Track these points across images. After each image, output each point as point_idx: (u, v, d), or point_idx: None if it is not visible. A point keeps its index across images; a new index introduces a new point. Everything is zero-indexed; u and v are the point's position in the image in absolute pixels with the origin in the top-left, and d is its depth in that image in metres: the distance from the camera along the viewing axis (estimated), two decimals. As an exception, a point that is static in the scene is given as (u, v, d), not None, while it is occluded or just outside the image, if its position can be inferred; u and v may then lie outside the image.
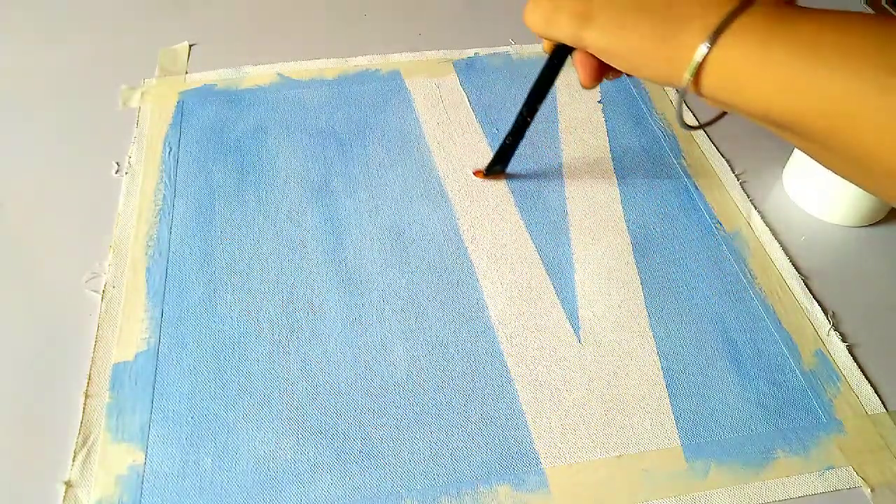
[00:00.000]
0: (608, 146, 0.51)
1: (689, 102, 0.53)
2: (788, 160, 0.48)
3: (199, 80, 0.55)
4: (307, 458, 0.34)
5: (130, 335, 0.39)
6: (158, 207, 0.45)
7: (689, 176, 0.49)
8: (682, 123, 0.32)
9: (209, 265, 0.42)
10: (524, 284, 0.42)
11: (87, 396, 0.36)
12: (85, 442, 0.34)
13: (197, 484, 0.33)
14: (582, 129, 0.52)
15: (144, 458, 0.34)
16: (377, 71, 0.57)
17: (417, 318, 0.40)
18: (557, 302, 0.41)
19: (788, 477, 0.34)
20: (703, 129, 0.33)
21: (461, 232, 0.45)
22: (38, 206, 0.46)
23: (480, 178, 0.48)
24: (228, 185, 0.47)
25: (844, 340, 0.40)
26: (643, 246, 0.44)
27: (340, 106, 0.53)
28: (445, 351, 0.39)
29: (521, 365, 0.38)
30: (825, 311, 0.41)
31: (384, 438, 0.35)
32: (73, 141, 0.50)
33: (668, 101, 0.55)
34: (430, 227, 0.45)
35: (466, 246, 0.44)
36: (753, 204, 0.47)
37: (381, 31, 0.61)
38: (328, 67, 0.57)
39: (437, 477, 0.34)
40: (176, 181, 0.47)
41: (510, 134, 0.44)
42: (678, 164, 0.50)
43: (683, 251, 0.44)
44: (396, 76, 0.56)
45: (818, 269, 0.44)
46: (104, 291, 0.41)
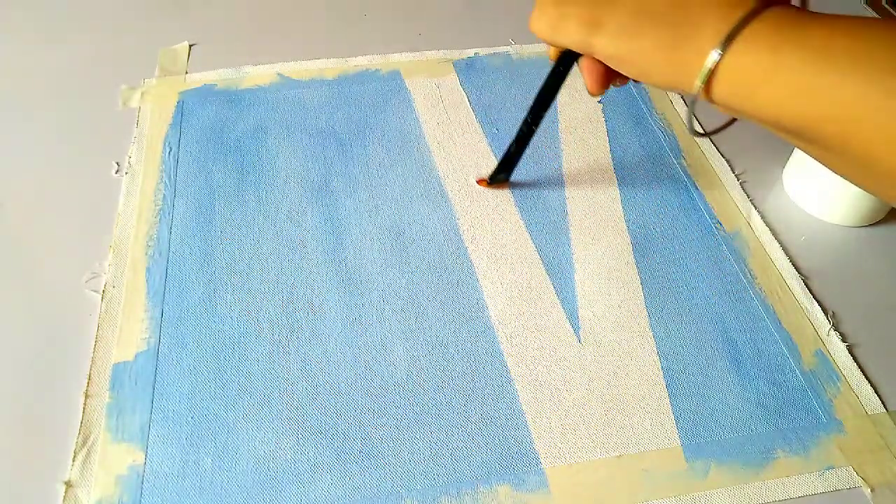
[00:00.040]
0: (608, 146, 0.51)
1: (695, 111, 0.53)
2: (788, 160, 0.48)
3: (199, 80, 0.55)
4: (307, 458, 0.34)
5: (130, 335, 0.39)
6: (158, 207, 0.45)
7: (689, 176, 0.49)
8: (691, 131, 0.31)
9: (209, 265, 0.42)
10: (524, 284, 0.42)
11: (87, 396, 0.36)
12: (85, 442, 0.34)
13: (197, 484, 0.33)
14: (582, 129, 0.52)
15: (144, 458, 0.34)
16: (377, 71, 0.57)
17: (417, 318, 0.40)
18: (557, 302, 0.41)
19: (788, 477, 0.34)
20: (712, 136, 0.32)
21: (461, 232, 0.45)
22: (38, 206, 0.46)
23: (484, 186, 0.47)
24: (228, 185, 0.47)
25: (844, 340, 0.40)
26: (643, 246, 0.44)
27: (340, 106, 0.53)
28: (445, 351, 0.39)
29: (521, 365, 0.38)
30: (825, 311, 0.41)
31: (384, 438, 0.35)
32: (73, 141, 0.50)
33: (668, 101, 0.55)
34: (430, 227, 0.45)
35: (466, 246, 0.44)
36: (753, 204, 0.47)
37: (381, 31, 0.61)
38: (328, 67, 0.57)
39: (437, 477, 0.34)
40: (176, 181, 0.47)
41: (514, 142, 0.43)
42: (678, 164, 0.50)
43: (683, 251, 0.44)
44: (396, 76, 0.56)
45: (818, 269, 0.44)
46: (104, 291, 0.41)
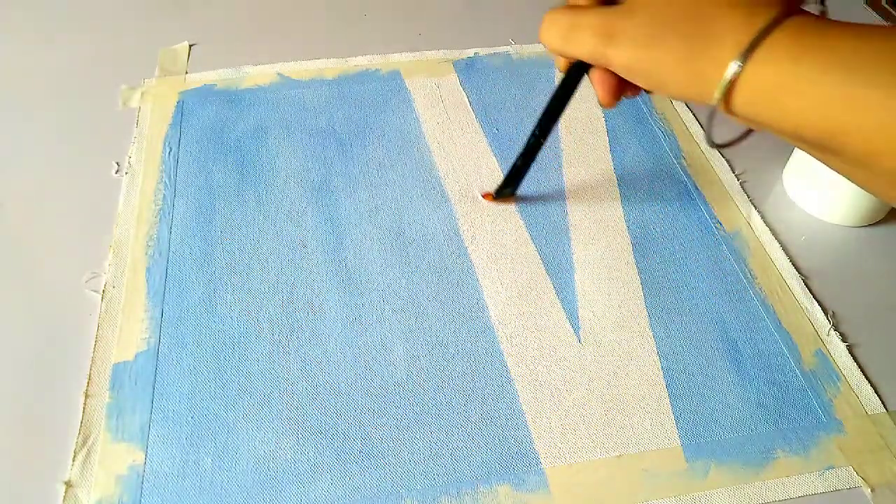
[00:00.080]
0: (608, 146, 0.51)
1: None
2: (788, 160, 0.48)
3: (199, 80, 0.55)
4: (307, 458, 0.34)
5: (130, 335, 0.39)
6: (158, 207, 0.45)
7: (689, 176, 0.49)
8: (710, 142, 0.31)
9: (209, 265, 0.42)
10: (524, 284, 0.42)
11: (87, 396, 0.36)
12: (85, 442, 0.34)
13: (197, 484, 0.33)
14: (582, 128, 0.52)
15: (144, 458, 0.34)
16: (377, 71, 0.57)
17: (417, 318, 0.40)
18: (557, 302, 0.41)
19: (788, 477, 0.34)
20: (729, 147, 0.32)
21: (461, 232, 0.45)
22: (38, 206, 0.46)
23: (490, 200, 0.46)
24: (228, 185, 0.47)
25: (844, 340, 0.40)
26: (643, 246, 0.44)
27: (340, 106, 0.53)
28: (445, 351, 0.39)
29: (521, 365, 0.38)
30: (825, 311, 0.41)
31: (384, 438, 0.35)
32: (73, 141, 0.50)
33: (668, 101, 0.55)
34: (430, 226, 0.45)
35: (466, 246, 0.44)
36: (753, 204, 0.47)
37: (381, 31, 0.61)
38: (328, 67, 0.57)
39: (437, 477, 0.34)
40: (176, 181, 0.47)
41: (521, 155, 0.42)
42: (678, 164, 0.50)
43: (683, 251, 0.44)
44: (396, 76, 0.56)
45: (818, 269, 0.44)
46: (104, 291, 0.41)
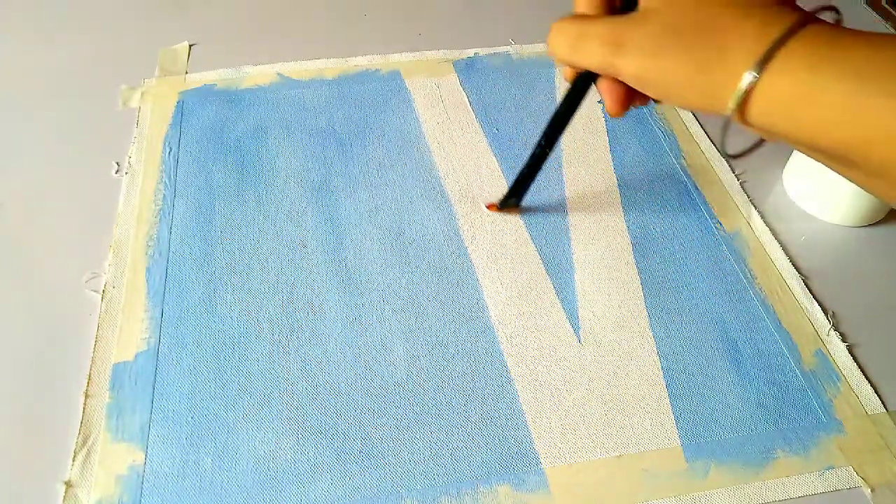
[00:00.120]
0: (608, 146, 0.51)
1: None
2: (788, 160, 0.48)
3: (199, 80, 0.55)
4: (307, 458, 0.34)
5: (130, 335, 0.39)
6: (158, 207, 0.45)
7: (689, 176, 0.49)
8: (723, 153, 0.31)
9: (209, 265, 0.42)
10: (524, 284, 0.42)
11: (87, 396, 0.36)
12: (85, 442, 0.34)
13: (197, 484, 0.33)
14: (582, 128, 0.52)
15: (144, 458, 0.34)
16: (377, 71, 0.57)
17: (417, 318, 0.40)
18: (557, 302, 0.41)
19: (788, 477, 0.34)
20: (743, 157, 0.31)
21: (461, 232, 0.45)
22: (38, 206, 0.46)
23: (494, 211, 0.46)
24: (228, 185, 0.47)
25: (844, 340, 0.40)
26: (643, 246, 0.44)
27: (340, 106, 0.53)
28: (445, 351, 0.39)
29: (521, 365, 0.38)
30: (825, 311, 0.41)
31: (384, 438, 0.35)
32: (73, 141, 0.50)
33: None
34: (430, 227, 0.45)
35: (466, 246, 0.44)
36: (753, 204, 0.47)
37: (381, 31, 0.61)
38: (328, 67, 0.57)
39: (437, 477, 0.34)
40: (176, 181, 0.47)
41: (527, 166, 0.42)
42: (678, 164, 0.50)
43: (683, 251, 0.44)
44: (396, 76, 0.56)
45: (818, 269, 0.44)
46: (104, 291, 0.41)
